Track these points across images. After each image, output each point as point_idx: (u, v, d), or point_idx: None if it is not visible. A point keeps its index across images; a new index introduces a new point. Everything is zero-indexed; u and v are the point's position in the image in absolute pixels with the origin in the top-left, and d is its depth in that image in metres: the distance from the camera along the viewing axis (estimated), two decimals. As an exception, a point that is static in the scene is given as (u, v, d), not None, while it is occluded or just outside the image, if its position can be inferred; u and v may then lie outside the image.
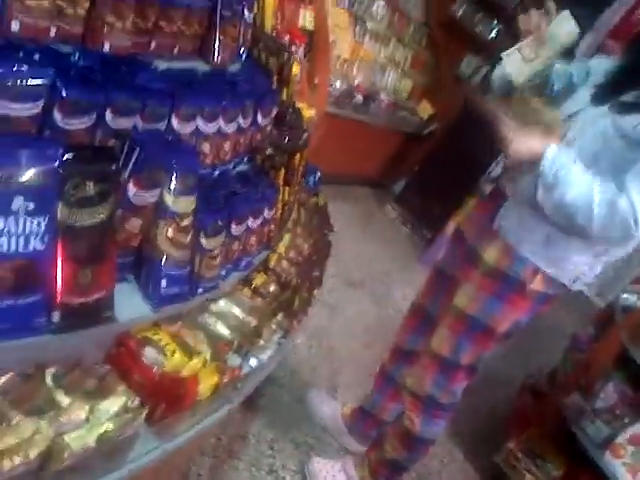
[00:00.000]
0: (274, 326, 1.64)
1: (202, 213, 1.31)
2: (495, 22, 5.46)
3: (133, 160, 1.12)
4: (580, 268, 1.73)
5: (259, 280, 1.81)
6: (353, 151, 5.10)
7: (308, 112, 3.44)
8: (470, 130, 4.95)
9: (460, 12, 5.63)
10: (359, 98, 4.72)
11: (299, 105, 2.22)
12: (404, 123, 5.53)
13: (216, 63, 1.52)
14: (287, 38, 3.10)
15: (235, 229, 1.46)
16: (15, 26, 1.01)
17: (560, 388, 3.07)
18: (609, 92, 1.66)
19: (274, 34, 2.58)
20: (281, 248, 1.94)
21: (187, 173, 1.24)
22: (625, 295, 3.30)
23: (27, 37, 1.02)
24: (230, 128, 1.47)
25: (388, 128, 5.36)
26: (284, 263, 1.87)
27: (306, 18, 3.86)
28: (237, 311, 1.59)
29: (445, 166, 5.21)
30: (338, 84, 4.44)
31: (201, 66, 1.49)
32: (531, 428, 3.03)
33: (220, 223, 1.38)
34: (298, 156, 1.82)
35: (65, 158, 0.97)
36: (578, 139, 1.63)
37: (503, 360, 4.16)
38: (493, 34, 5.46)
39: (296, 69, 2.47)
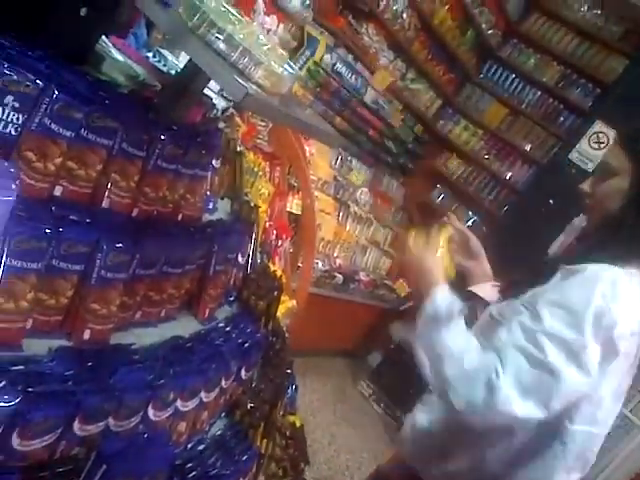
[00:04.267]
0: None
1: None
2: (470, 213, 5.66)
3: (98, 476, 0.97)
4: None
5: None
6: (329, 325, 5.02)
7: (289, 303, 3.37)
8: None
9: (437, 200, 5.85)
10: (339, 278, 4.70)
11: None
12: (382, 300, 5.51)
13: (204, 318, 1.43)
14: (274, 234, 3.10)
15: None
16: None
17: None
18: None
19: (263, 235, 2.56)
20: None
21: (158, 472, 1.09)
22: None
23: None
24: (211, 396, 1.34)
25: (365, 304, 5.33)
26: (255, 523, 1.65)
27: (293, 204, 3.93)
28: None
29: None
30: (320, 265, 4.43)
31: (187, 323, 1.39)
32: None
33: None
34: (280, 403, 1.68)
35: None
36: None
37: None
38: (469, 223, 5.63)
39: (282, 275, 2.43)
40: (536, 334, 1.23)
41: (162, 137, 1.11)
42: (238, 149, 1.85)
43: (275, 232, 3.13)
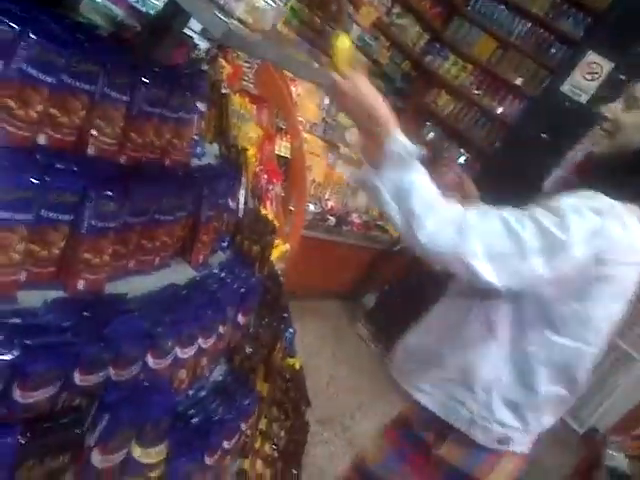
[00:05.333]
0: None
1: (174, 460, 1.16)
2: (462, 150, 5.62)
3: (101, 427, 0.98)
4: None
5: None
6: (324, 268, 5.05)
7: (283, 247, 3.37)
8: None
9: (429, 137, 5.78)
10: (332, 220, 4.69)
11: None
12: (375, 241, 5.52)
13: (198, 265, 1.41)
14: (265, 178, 3.07)
15: (209, 459, 1.30)
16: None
17: None
18: None
19: (254, 179, 2.53)
20: (255, 443, 1.76)
21: (160, 419, 1.10)
22: (611, 452, 3.16)
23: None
24: (209, 342, 1.34)
25: (359, 245, 5.34)
26: (258, 464, 1.69)
27: (282, 147, 3.88)
28: None
29: (415, 287, 5.16)
30: (312, 207, 4.41)
31: (181, 269, 1.38)
32: None
33: (192, 465, 1.22)
34: (278, 346, 1.69)
35: (22, 441, 0.83)
36: None
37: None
38: (461, 160, 5.60)
39: (275, 220, 2.41)
40: (523, 215, 1.22)
41: (145, 80, 1.07)
42: (224, 91, 1.80)
43: (265, 176, 3.10)
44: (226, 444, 1.36)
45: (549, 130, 4.57)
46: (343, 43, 1.33)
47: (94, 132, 1.00)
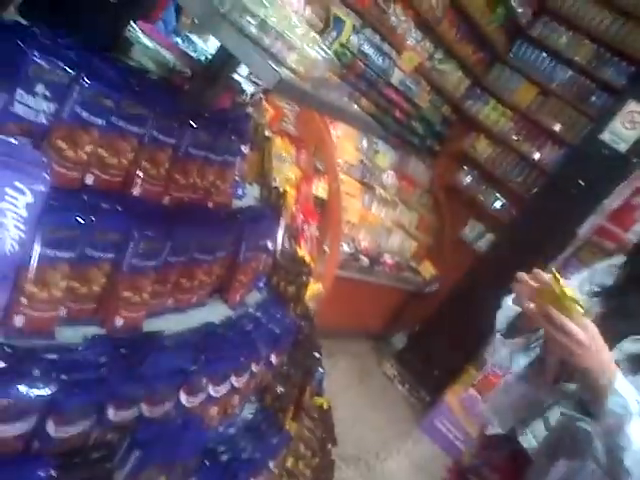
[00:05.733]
0: None
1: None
2: (499, 194, 5.58)
3: (131, 463, 0.98)
4: None
5: (255, 528, 1.60)
6: (355, 308, 5.03)
7: (316, 287, 3.38)
8: (473, 296, 4.93)
9: (465, 181, 5.77)
10: (365, 261, 4.69)
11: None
12: (407, 282, 5.49)
13: (234, 304, 1.43)
14: (301, 218, 3.10)
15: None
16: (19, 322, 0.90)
17: None
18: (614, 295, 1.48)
19: (290, 221, 2.55)
20: (282, 480, 1.75)
21: (190, 457, 1.10)
22: None
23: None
24: (241, 381, 1.34)
25: (391, 286, 5.32)
26: (284, 505, 1.67)
27: (319, 188, 3.91)
28: None
29: (445, 330, 5.11)
30: (345, 247, 4.42)
31: (218, 309, 1.39)
32: None
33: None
34: (309, 387, 1.68)
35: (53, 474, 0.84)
36: None
37: None
38: (497, 205, 5.56)
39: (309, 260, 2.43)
40: None
41: (192, 124, 1.10)
42: (266, 134, 1.84)
43: (302, 216, 3.13)
44: (253, 480, 1.35)
45: (586, 178, 4.53)
46: (566, 284, 1.20)
47: (140, 173, 1.03)
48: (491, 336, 4.77)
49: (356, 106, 2.90)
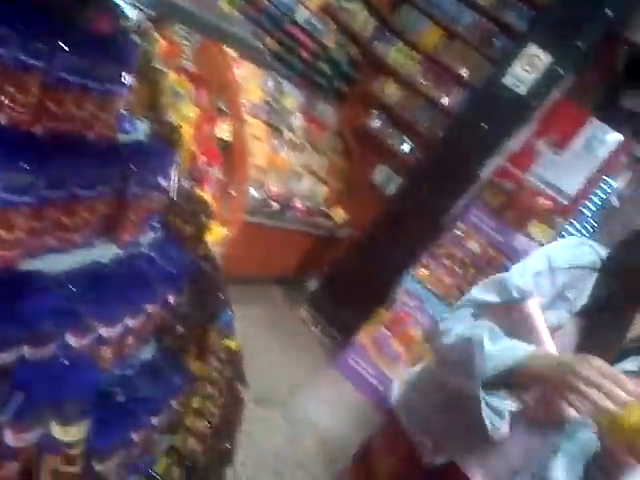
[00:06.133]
0: None
1: (96, 435, 1.12)
2: (407, 138, 5.67)
3: (14, 406, 0.94)
4: None
5: (161, 467, 1.60)
6: (266, 253, 5.03)
7: (222, 232, 3.33)
8: (383, 239, 5.05)
9: (374, 125, 5.81)
10: (275, 206, 4.66)
11: (213, 225, 2.09)
12: (318, 227, 5.54)
13: (124, 243, 1.37)
14: (204, 160, 3.02)
15: (135, 436, 1.27)
16: None
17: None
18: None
19: (191, 160, 2.48)
20: (188, 419, 1.74)
21: (81, 397, 1.06)
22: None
23: None
24: (136, 322, 1.31)
25: (302, 231, 5.34)
26: (190, 441, 1.67)
27: (223, 131, 3.82)
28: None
29: (357, 272, 5.22)
30: (254, 193, 4.37)
31: (106, 249, 1.33)
32: None
33: (117, 443, 1.19)
34: (212, 326, 1.66)
35: None
36: None
37: None
38: (405, 149, 5.65)
39: (212, 202, 2.38)
40: None
41: (64, 46, 1.02)
42: (158, 67, 1.75)
43: (204, 158, 3.05)
44: (154, 421, 1.33)
45: (489, 121, 4.67)
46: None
47: (4, 99, 0.95)
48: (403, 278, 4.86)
49: (260, 44, 2.82)
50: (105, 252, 1.31)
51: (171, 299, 1.49)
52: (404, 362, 4.69)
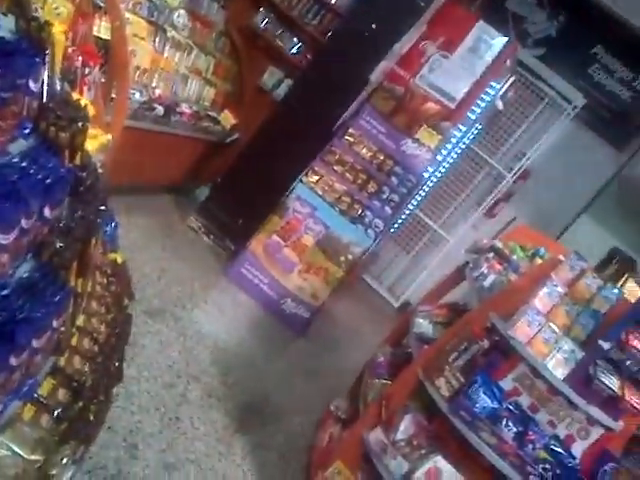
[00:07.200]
0: (65, 459, 1.40)
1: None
2: (296, 39, 5.50)
3: None
4: None
5: (45, 388, 1.55)
6: (152, 160, 4.83)
7: (103, 138, 3.13)
8: (273, 145, 4.97)
9: (261, 24, 5.57)
10: (160, 110, 4.44)
11: (93, 131, 1.96)
12: (206, 132, 5.35)
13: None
14: (80, 61, 2.76)
15: (15, 360, 1.22)
16: None
17: (363, 419, 3.16)
18: None
19: (65, 61, 2.27)
20: (73, 338, 1.69)
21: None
22: (419, 319, 3.50)
23: None
24: (9, 238, 1.22)
25: (190, 136, 5.15)
26: (76, 360, 1.63)
27: (102, 28, 3.51)
28: (15, 450, 1.33)
29: (248, 179, 5.14)
30: (137, 96, 4.12)
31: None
32: (337, 462, 3.07)
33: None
34: (95, 240, 1.59)
35: None
36: None
37: (301, 384, 4.24)
38: (294, 50, 5.49)
39: (90, 109, 2.20)
40: None
41: None
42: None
43: (81, 59, 2.79)
44: (35, 343, 1.28)
45: (379, 20, 4.60)
46: None
47: None
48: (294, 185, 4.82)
49: None
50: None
51: (47, 212, 1.39)
52: (297, 269, 4.76)
